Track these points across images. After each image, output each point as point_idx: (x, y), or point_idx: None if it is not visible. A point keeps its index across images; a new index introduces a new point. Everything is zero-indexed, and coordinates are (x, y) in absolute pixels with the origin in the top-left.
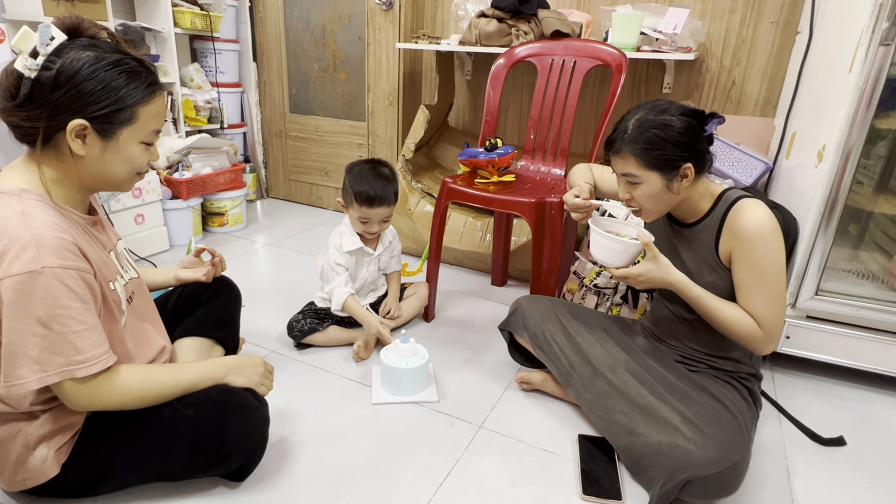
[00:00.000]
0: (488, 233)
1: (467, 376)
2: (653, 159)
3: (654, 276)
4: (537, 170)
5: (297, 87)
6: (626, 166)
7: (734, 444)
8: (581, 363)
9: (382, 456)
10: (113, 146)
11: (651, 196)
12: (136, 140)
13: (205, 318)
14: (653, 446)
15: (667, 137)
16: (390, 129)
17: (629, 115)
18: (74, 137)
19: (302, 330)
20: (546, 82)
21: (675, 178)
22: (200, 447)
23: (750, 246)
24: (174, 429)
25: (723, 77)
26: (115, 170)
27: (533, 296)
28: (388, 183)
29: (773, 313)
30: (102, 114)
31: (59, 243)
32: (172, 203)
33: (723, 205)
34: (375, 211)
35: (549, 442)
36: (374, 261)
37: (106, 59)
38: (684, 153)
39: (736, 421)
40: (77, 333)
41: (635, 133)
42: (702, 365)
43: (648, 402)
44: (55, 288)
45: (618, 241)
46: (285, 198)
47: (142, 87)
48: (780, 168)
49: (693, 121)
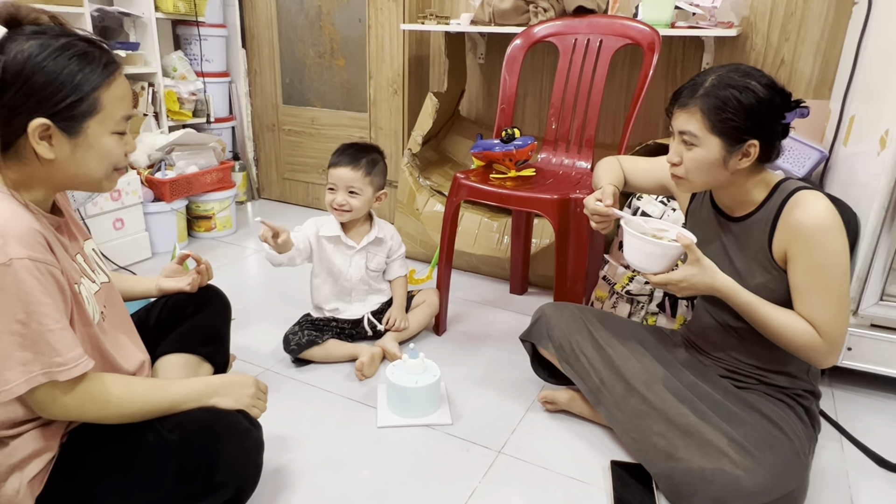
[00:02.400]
0: (506, 235)
1: (484, 396)
2: (720, 122)
3: (698, 281)
4: (560, 163)
5: (291, 75)
6: (687, 123)
7: (789, 469)
8: (613, 379)
9: (389, 485)
10: (83, 142)
11: (702, 163)
12: (107, 131)
13: (191, 332)
14: (696, 472)
15: (744, 103)
16: (395, 120)
17: (710, 70)
18: (39, 140)
19: (299, 343)
20: (569, 65)
21: (735, 152)
22: (188, 475)
23: (810, 244)
24: (158, 455)
25: (770, 55)
26: (91, 168)
27: (559, 303)
28: (362, 151)
29: (835, 320)
30: (61, 107)
31: (28, 233)
32: (154, 206)
33: (778, 196)
34: (339, 172)
35: (578, 469)
36: (360, 256)
37: (52, 45)
38: (756, 127)
39: (791, 444)
40: (53, 332)
41: (711, 88)
42: (751, 380)
43: (690, 422)
44: (27, 282)
45: (655, 244)
46: (279, 199)
47: (98, 70)
48: (837, 157)
49: (777, 98)
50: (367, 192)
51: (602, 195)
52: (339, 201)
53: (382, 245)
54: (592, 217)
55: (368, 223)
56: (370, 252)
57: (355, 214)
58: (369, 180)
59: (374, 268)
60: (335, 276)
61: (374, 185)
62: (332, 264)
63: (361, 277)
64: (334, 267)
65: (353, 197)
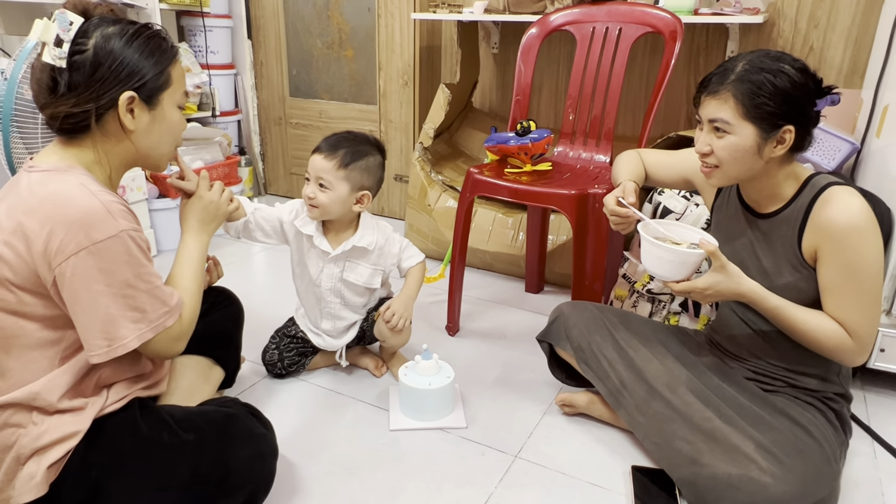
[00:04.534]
0: (521, 231)
1: (499, 398)
2: (755, 108)
3: (723, 288)
4: (577, 156)
5: (298, 67)
6: (718, 110)
7: (819, 476)
8: (635, 381)
9: (403, 490)
10: (159, 114)
11: (736, 152)
12: (174, 103)
13: (202, 334)
14: (721, 479)
15: (778, 87)
16: (405, 112)
17: (739, 56)
18: (126, 111)
19: (280, 374)
20: (587, 54)
21: (770, 139)
22: (202, 477)
23: (843, 243)
24: (172, 454)
25: (798, 42)
26: (163, 140)
27: (577, 302)
28: (348, 140)
29: (866, 321)
30: (145, 81)
31: (122, 208)
32: (159, 202)
33: (809, 192)
34: (312, 159)
35: (597, 474)
36: (334, 265)
37: (129, 29)
38: (791, 112)
39: (821, 449)
40: (159, 288)
41: (744, 73)
42: (779, 383)
43: (716, 426)
44: (134, 250)
45: (675, 251)
46: (286, 194)
47: (168, 49)
48: (870, 149)
49: (810, 82)
50: (340, 190)
51: (623, 192)
52: (307, 192)
53: (367, 256)
54: (612, 218)
55: (353, 228)
56: (350, 262)
57: (323, 214)
58: (344, 174)
59: (355, 281)
60: (307, 280)
61: (350, 181)
62: (306, 266)
63: (332, 287)
64: (308, 269)
65: (322, 191)
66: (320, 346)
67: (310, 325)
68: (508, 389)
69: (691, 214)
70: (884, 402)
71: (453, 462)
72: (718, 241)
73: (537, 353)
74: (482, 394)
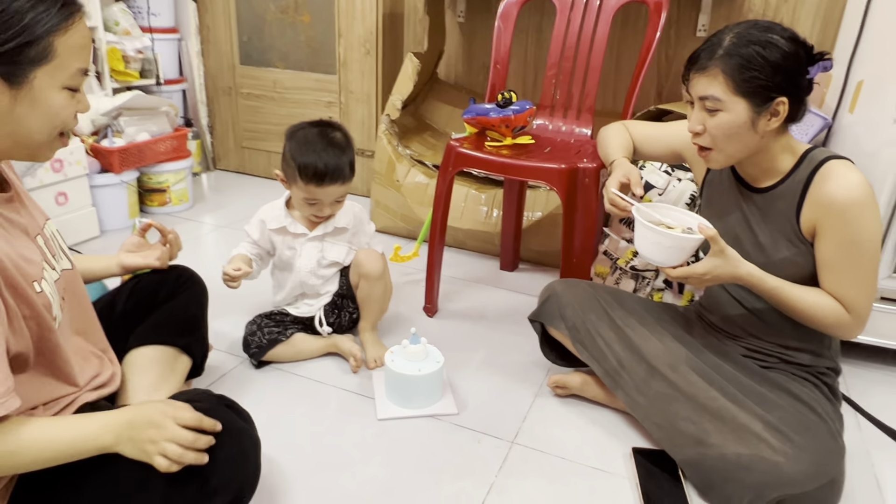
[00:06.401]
0: (495, 208)
1: (487, 381)
2: (745, 82)
3: (721, 272)
4: (557, 129)
5: (250, 32)
6: (708, 87)
7: (830, 453)
8: (633, 361)
9: (399, 483)
10: (26, 95)
11: (730, 128)
12: (57, 84)
13: (165, 320)
14: (730, 459)
15: (769, 59)
16: (367, 83)
17: (725, 29)
18: None
19: (260, 346)
20: (567, 24)
21: (763, 112)
22: (178, 485)
23: (843, 219)
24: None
25: (768, 15)
26: (32, 128)
27: (570, 280)
28: (342, 153)
29: (863, 295)
30: (5, 50)
31: None
32: (102, 178)
33: (807, 166)
34: (326, 190)
35: (597, 458)
36: (312, 246)
37: None
38: (783, 83)
39: (826, 426)
40: None
41: (732, 47)
42: (773, 359)
43: (722, 405)
44: None
45: (674, 237)
46: (237, 170)
47: (54, 10)
48: (841, 124)
49: (801, 50)
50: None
51: (629, 179)
52: (324, 214)
53: (345, 234)
54: (609, 207)
55: None
56: (328, 242)
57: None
58: (349, 184)
59: (334, 258)
60: (287, 268)
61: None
62: (280, 257)
63: (312, 269)
64: (283, 258)
65: (339, 203)
66: (299, 313)
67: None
68: (496, 372)
69: (674, 190)
70: (861, 373)
71: (449, 451)
72: (710, 215)
73: (521, 334)
74: (469, 378)
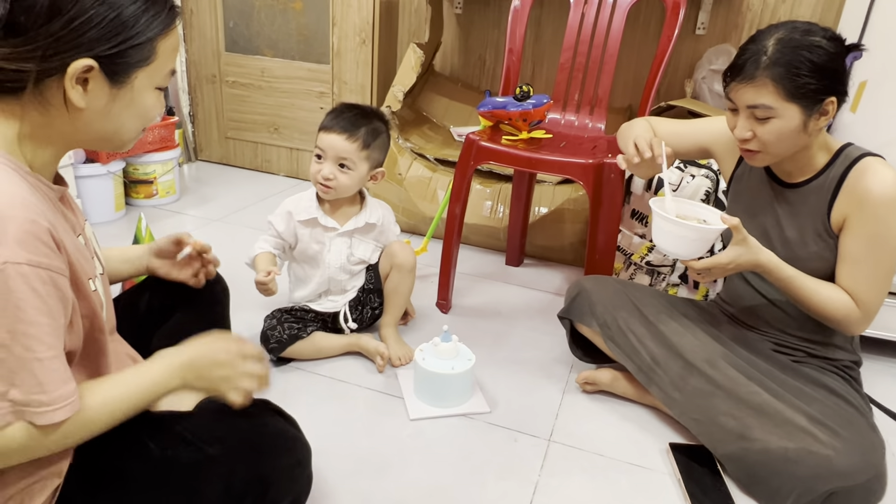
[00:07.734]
0: (500, 203)
1: (514, 379)
2: (797, 88)
3: (744, 261)
4: (570, 124)
5: (237, 17)
6: (757, 96)
7: (874, 447)
8: (668, 357)
9: (445, 485)
10: (125, 95)
11: (782, 134)
12: (153, 85)
13: (190, 324)
14: (776, 453)
15: (817, 63)
16: (362, 73)
17: (762, 35)
18: (75, 84)
19: (280, 341)
20: (581, 17)
21: (814, 114)
22: (237, 495)
23: (874, 214)
24: (197, 474)
25: (766, 15)
26: (125, 125)
27: (597, 276)
28: (363, 116)
29: (876, 292)
30: (117, 50)
31: (30, 228)
32: (87, 168)
33: (843, 162)
34: (330, 139)
35: (635, 454)
36: (341, 241)
37: None
38: (831, 84)
39: (865, 419)
40: (42, 362)
41: (778, 54)
42: (800, 353)
43: (764, 400)
44: (20, 294)
45: (698, 229)
46: (221, 161)
47: (162, 15)
48: (842, 123)
49: (840, 47)
50: (362, 169)
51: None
52: (325, 174)
53: (373, 231)
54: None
55: (359, 204)
56: (356, 238)
57: (341, 193)
58: (366, 154)
59: (361, 256)
60: (314, 264)
61: (370, 160)
62: (306, 251)
63: (342, 265)
64: (309, 253)
65: (344, 172)
66: (322, 309)
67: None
68: (521, 369)
69: (688, 186)
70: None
71: (487, 451)
72: (738, 211)
73: (538, 330)
74: (494, 375)
